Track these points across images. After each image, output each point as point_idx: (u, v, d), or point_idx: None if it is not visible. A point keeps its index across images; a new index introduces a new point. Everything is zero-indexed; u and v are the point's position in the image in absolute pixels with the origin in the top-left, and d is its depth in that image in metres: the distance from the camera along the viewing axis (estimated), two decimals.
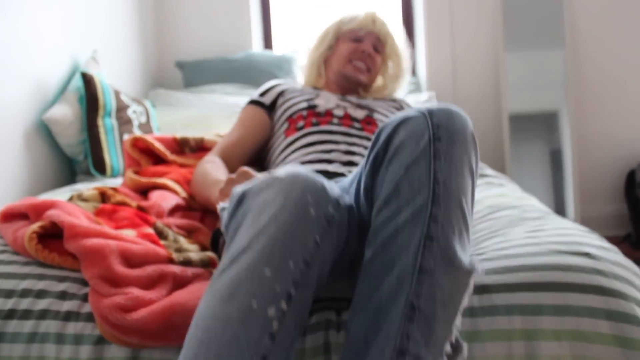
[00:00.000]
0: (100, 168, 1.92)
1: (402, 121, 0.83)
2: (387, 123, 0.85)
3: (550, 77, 2.79)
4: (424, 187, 0.76)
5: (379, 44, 1.58)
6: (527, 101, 2.79)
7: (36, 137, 1.88)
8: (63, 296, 0.91)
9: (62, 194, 1.52)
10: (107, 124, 1.98)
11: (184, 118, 2.33)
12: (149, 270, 0.94)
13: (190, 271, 0.97)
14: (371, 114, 1.46)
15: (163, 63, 2.94)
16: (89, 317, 0.89)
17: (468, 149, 0.81)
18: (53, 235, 1.00)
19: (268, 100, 1.52)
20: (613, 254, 0.91)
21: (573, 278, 0.84)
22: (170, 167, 1.43)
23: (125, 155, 1.49)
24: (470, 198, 0.81)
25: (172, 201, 1.26)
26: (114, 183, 1.70)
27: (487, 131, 2.85)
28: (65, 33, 2.08)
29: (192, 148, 1.54)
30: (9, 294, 0.92)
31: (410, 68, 1.67)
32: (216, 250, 1.08)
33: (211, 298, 0.71)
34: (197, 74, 2.75)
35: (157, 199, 1.25)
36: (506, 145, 2.75)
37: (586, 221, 2.78)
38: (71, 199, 1.19)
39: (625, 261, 0.91)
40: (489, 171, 1.74)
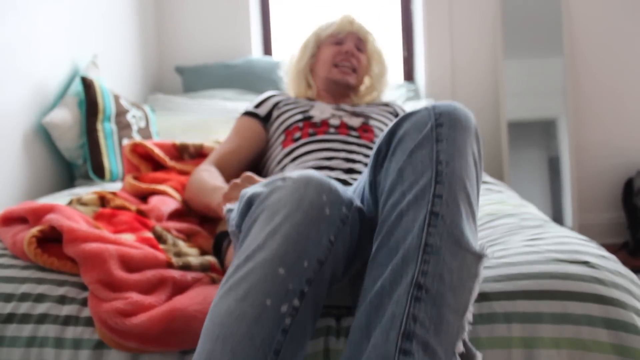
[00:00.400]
0: (99, 172, 1.92)
1: (406, 116, 0.83)
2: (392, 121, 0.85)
3: (548, 85, 2.80)
4: (427, 169, 0.76)
5: (361, 43, 1.58)
6: (526, 109, 2.80)
7: (35, 141, 1.88)
8: (62, 300, 0.91)
9: (61, 198, 1.52)
10: (107, 129, 1.98)
11: (183, 123, 2.34)
12: (149, 274, 0.94)
13: (189, 276, 0.97)
14: (367, 121, 1.46)
15: (163, 68, 2.94)
16: (88, 322, 0.88)
17: (470, 136, 0.80)
18: (52, 239, 1.00)
19: (263, 111, 1.53)
20: (612, 263, 0.91)
21: (572, 286, 0.84)
22: (169, 174, 1.43)
23: (124, 160, 1.49)
24: (475, 184, 0.79)
25: (172, 205, 1.27)
26: (113, 187, 1.70)
27: (486, 138, 2.86)
28: (65, 37, 2.08)
29: (191, 154, 1.54)
30: (8, 298, 0.92)
31: (391, 66, 1.67)
32: (219, 253, 1.08)
33: (226, 294, 0.72)
34: (197, 79, 2.76)
35: (157, 203, 1.25)
36: (505, 152, 2.75)
37: (584, 229, 2.79)
38: (70, 203, 1.19)
39: (624, 270, 0.91)
40: (488, 178, 1.74)
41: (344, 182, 1.25)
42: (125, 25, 2.59)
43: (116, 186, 1.74)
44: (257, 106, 1.54)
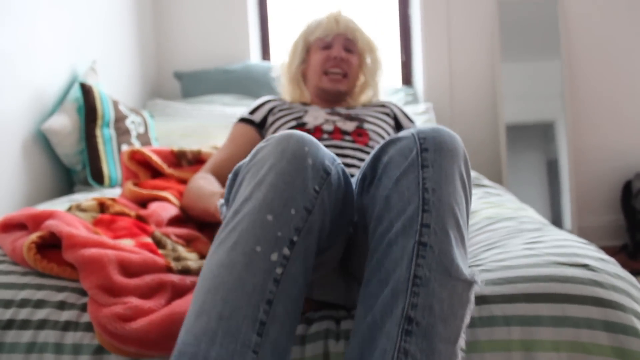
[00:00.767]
0: (98, 178, 1.92)
1: (390, 141, 0.82)
2: (376, 147, 0.84)
3: (546, 88, 2.80)
4: (414, 197, 0.75)
5: (350, 44, 1.54)
6: (524, 112, 2.80)
7: (35, 147, 1.88)
8: (62, 306, 0.91)
9: (60, 204, 1.52)
10: (106, 134, 1.99)
11: (182, 128, 2.34)
12: (148, 279, 0.94)
13: (188, 280, 0.97)
14: (361, 125, 1.44)
15: (161, 73, 2.95)
16: (88, 327, 0.89)
17: (457, 159, 0.79)
18: (52, 245, 1.00)
19: (258, 117, 1.52)
20: (611, 266, 0.92)
21: (571, 289, 0.84)
22: (168, 182, 1.43)
23: (123, 167, 1.49)
24: (464, 209, 0.78)
25: (172, 211, 1.27)
26: (112, 193, 1.70)
27: (484, 142, 2.86)
28: (64, 43, 2.08)
29: (189, 161, 1.54)
30: (8, 304, 0.92)
31: (386, 58, 1.62)
32: None
33: (217, 248, 0.73)
34: (195, 85, 2.76)
35: (156, 209, 1.25)
36: (503, 155, 2.76)
37: (583, 232, 2.79)
38: (70, 210, 1.20)
39: (623, 273, 0.91)
40: (486, 182, 1.74)
41: None
42: (123, 31, 2.59)
43: (115, 192, 1.74)
44: (253, 112, 1.54)
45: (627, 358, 0.79)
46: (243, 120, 1.52)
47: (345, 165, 1.33)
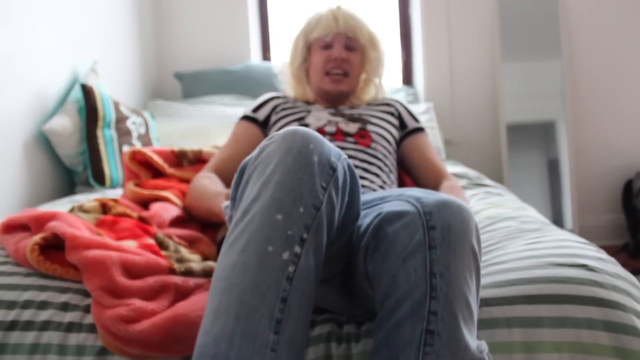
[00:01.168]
0: (99, 179, 1.92)
1: (394, 215, 0.79)
2: (377, 214, 0.82)
3: (547, 87, 2.81)
4: (421, 281, 0.73)
5: (350, 41, 1.50)
6: (525, 111, 2.81)
7: (36, 148, 1.88)
8: (65, 307, 0.92)
9: (62, 205, 1.52)
10: (107, 135, 1.99)
11: (183, 129, 2.34)
12: (151, 281, 0.94)
13: (191, 281, 0.97)
14: (364, 126, 1.43)
15: (162, 74, 2.95)
16: (91, 328, 0.89)
17: (468, 234, 0.76)
18: (55, 246, 1.00)
19: (261, 116, 1.51)
20: (611, 266, 0.92)
21: (571, 290, 0.84)
22: (170, 182, 1.44)
23: (124, 168, 1.50)
24: (474, 279, 0.76)
25: (173, 212, 1.27)
26: (114, 194, 1.71)
27: (485, 141, 2.87)
28: (65, 44, 2.09)
29: (190, 160, 1.54)
30: (11, 306, 0.92)
31: (388, 51, 1.58)
32: None
33: (229, 249, 0.74)
34: (196, 85, 2.76)
35: (158, 210, 1.25)
36: (504, 155, 2.76)
37: (584, 231, 2.79)
38: (72, 211, 1.20)
39: (623, 272, 0.92)
40: (487, 181, 1.74)
41: None
42: (124, 31, 2.60)
43: (117, 192, 1.75)
44: (256, 110, 1.52)
45: (628, 358, 0.79)
46: (246, 118, 1.51)
47: None
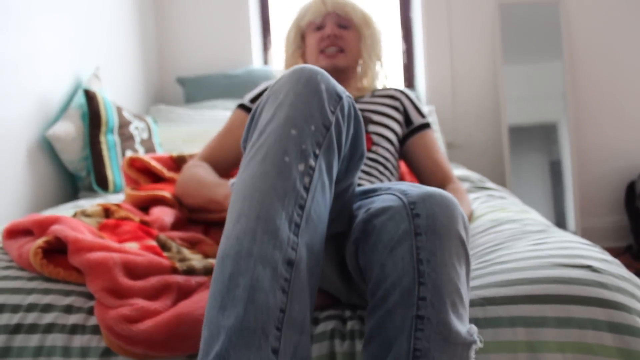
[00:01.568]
0: (102, 184, 1.93)
1: (380, 210, 0.81)
2: (366, 209, 0.84)
3: (548, 89, 2.81)
4: (408, 267, 0.74)
5: (342, 20, 1.47)
6: (526, 113, 2.81)
7: (39, 154, 1.89)
8: (69, 310, 0.92)
9: (65, 210, 1.53)
10: (110, 141, 1.99)
11: (185, 134, 2.35)
12: (153, 281, 0.94)
13: (194, 280, 0.98)
14: (365, 128, 1.39)
15: (164, 79, 2.96)
16: (95, 330, 0.89)
17: (452, 219, 0.77)
18: (58, 250, 1.01)
19: None
20: (615, 267, 0.92)
21: (576, 291, 0.84)
22: (168, 186, 1.44)
23: (124, 175, 1.50)
24: (464, 265, 0.77)
25: (174, 215, 1.27)
26: (117, 199, 1.71)
27: (487, 143, 2.87)
28: (67, 50, 2.10)
29: None
30: (15, 309, 0.93)
31: (382, 30, 1.55)
32: None
33: (247, 163, 0.78)
34: (198, 90, 2.77)
35: (159, 214, 1.26)
36: (506, 157, 2.76)
37: (587, 233, 2.79)
38: (75, 215, 1.20)
39: (627, 274, 0.92)
40: (490, 184, 1.74)
41: None
42: (126, 37, 2.61)
43: (120, 197, 1.75)
44: (254, 99, 1.48)
45: (632, 359, 0.79)
46: (243, 107, 1.47)
47: None
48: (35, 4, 1.88)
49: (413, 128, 1.47)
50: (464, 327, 0.74)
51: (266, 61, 3.08)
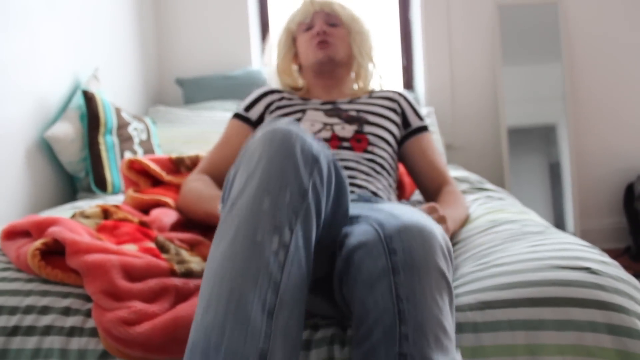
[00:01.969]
0: (101, 185, 1.93)
1: (358, 246, 0.79)
2: (346, 244, 0.82)
3: (547, 91, 2.81)
4: (389, 306, 0.73)
5: (331, 18, 1.48)
6: (526, 115, 2.81)
7: (38, 155, 1.89)
8: (67, 312, 0.92)
9: (64, 211, 1.52)
10: (108, 142, 1.99)
11: (184, 135, 2.35)
12: (151, 283, 0.94)
13: (192, 283, 0.98)
14: (361, 129, 1.38)
15: (163, 80, 2.96)
16: (93, 332, 0.89)
17: (430, 251, 0.76)
18: (56, 252, 1.01)
19: (254, 115, 1.46)
20: (614, 269, 0.91)
21: (574, 293, 0.84)
22: (168, 190, 1.44)
23: (123, 177, 1.49)
24: (446, 297, 0.76)
25: (174, 216, 1.27)
26: (115, 200, 1.71)
27: (486, 145, 2.87)
28: (66, 51, 2.09)
29: (188, 166, 1.54)
30: (13, 311, 0.92)
31: (372, 29, 1.53)
32: None
33: (218, 242, 0.74)
34: (197, 91, 2.77)
35: (159, 215, 1.25)
36: (505, 158, 2.76)
37: (586, 234, 2.79)
38: (74, 217, 1.20)
39: (626, 276, 0.91)
40: (489, 185, 1.74)
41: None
42: (125, 38, 2.61)
43: (118, 199, 1.75)
44: (248, 108, 1.47)
45: None
46: (239, 116, 1.47)
47: (347, 168, 1.31)
48: (33, 5, 1.88)
49: (411, 130, 1.46)
50: (449, 357, 0.72)
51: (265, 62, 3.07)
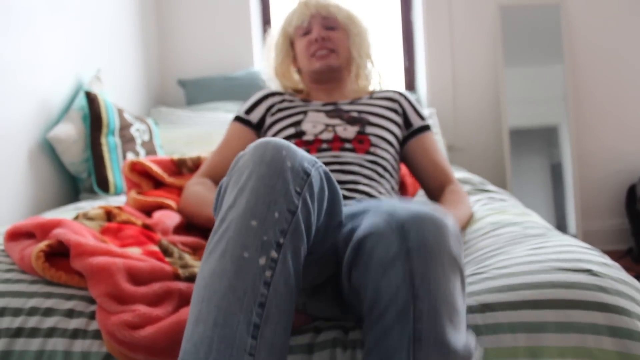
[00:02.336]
0: (103, 186, 1.93)
1: (369, 234, 0.79)
2: (355, 234, 0.83)
3: (549, 92, 2.81)
4: (403, 287, 0.73)
5: (329, 21, 1.46)
6: (527, 116, 2.81)
7: (40, 156, 1.89)
8: (70, 314, 0.92)
9: (67, 212, 1.53)
10: (111, 142, 2.00)
11: (186, 136, 2.35)
12: (155, 287, 0.94)
13: None
14: (363, 130, 1.37)
15: (165, 81, 2.96)
16: (96, 335, 0.89)
17: (443, 236, 0.76)
18: (60, 253, 1.01)
19: (255, 118, 1.46)
20: (615, 271, 0.92)
21: (576, 295, 0.84)
22: (170, 192, 1.44)
23: (125, 179, 1.50)
24: (459, 280, 0.76)
25: (176, 219, 1.27)
26: (118, 201, 1.71)
27: (488, 146, 2.87)
28: (69, 52, 2.10)
29: (190, 168, 1.54)
30: (17, 313, 0.93)
31: (370, 28, 1.52)
32: None
33: (207, 257, 0.76)
34: (199, 92, 2.77)
35: (162, 217, 1.26)
36: (507, 160, 2.76)
37: (587, 236, 2.79)
38: (77, 218, 1.20)
39: (627, 278, 0.91)
40: (491, 187, 1.74)
41: (347, 198, 1.24)
42: (127, 39, 2.61)
43: (121, 199, 1.75)
44: (249, 111, 1.47)
45: None
46: (239, 119, 1.46)
47: (344, 177, 1.29)
48: (36, 6, 1.89)
49: (412, 130, 1.46)
50: (461, 343, 0.73)
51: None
